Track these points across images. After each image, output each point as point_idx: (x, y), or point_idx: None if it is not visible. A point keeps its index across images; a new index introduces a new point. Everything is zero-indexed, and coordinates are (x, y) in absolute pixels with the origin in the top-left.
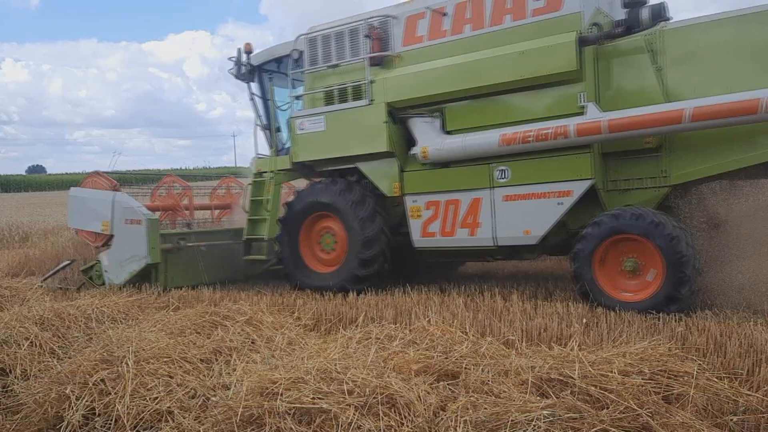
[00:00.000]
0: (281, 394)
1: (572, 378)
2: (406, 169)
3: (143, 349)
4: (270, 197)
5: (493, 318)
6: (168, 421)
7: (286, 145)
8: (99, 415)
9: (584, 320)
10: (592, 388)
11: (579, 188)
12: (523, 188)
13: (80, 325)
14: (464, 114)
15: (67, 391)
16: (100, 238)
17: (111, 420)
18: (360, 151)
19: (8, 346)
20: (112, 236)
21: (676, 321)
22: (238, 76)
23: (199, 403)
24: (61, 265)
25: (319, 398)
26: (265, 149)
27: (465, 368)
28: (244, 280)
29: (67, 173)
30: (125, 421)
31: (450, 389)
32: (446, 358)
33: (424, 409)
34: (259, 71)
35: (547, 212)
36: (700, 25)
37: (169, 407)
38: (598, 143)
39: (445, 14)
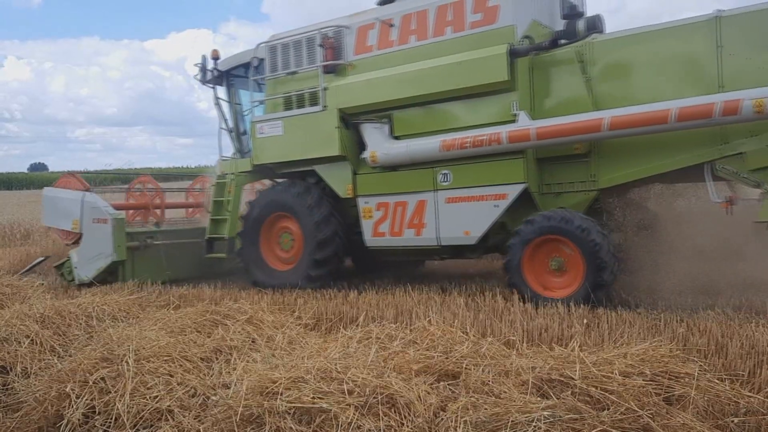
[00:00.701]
0: (281, 394)
1: (573, 379)
2: (358, 172)
3: (143, 348)
4: (231, 198)
5: (494, 318)
6: (168, 420)
7: (251, 148)
8: (99, 413)
9: (585, 321)
10: (593, 388)
11: (513, 191)
12: (463, 191)
13: (81, 323)
14: (410, 120)
15: (67, 390)
16: (70, 236)
17: (111, 418)
18: (315, 154)
19: (9, 343)
20: (81, 234)
21: (677, 322)
22: (204, 81)
23: (199, 402)
24: (36, 261)
25: (319, 398)
26: (229, 152)
27: (465, 368)
28: (213, 277)
29: (69, 171)
30: (125, 420)
31: (450, 389)
32: (447, 358)
33: (425, 410)
34: (226, 76)
35: (485, 214)
36: (626, 38)
37: (169, 406)
38: (530, 149)
39: (392, 25)
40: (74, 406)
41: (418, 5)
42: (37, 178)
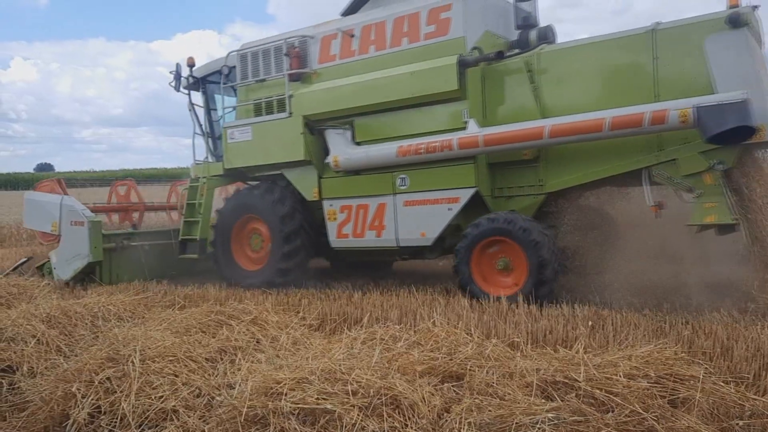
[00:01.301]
0: (286, 394)
1: (577, 381)
2: (323, 176)
3: (149, 348)
4: (202, 201)
5: (499, 320)
6: (173, 420)
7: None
8: (104, 413)
9: (590, 323)
10: (598, 391)
11: (465, 195)
12: (420, 195)
13: (87, 323)
14: (370, 127)
15: (73, 389)
16: (50, 238)
17: (116, 418)
18: (281, 159)
19: (15, 343)
20: (60, 236)
21: (682, 324)
22: (178, 88)
23: (204, 402)
24: (19, 262)
25: (324, 399)
26: (201, 156)
27: (470, 370)
28: (189, 276)
29: (75, 171)
30: (130, 420)
31: (454, 391)
32: (451, 359)
33: (429, 411)
34: (202, 82)
35: (439, 216)
36: (570, 49)
37: (174, 406)
38: (479, 155)
39: (353, 36)
40: (80, 406)
41: (377, 17)
42: (43, 179)
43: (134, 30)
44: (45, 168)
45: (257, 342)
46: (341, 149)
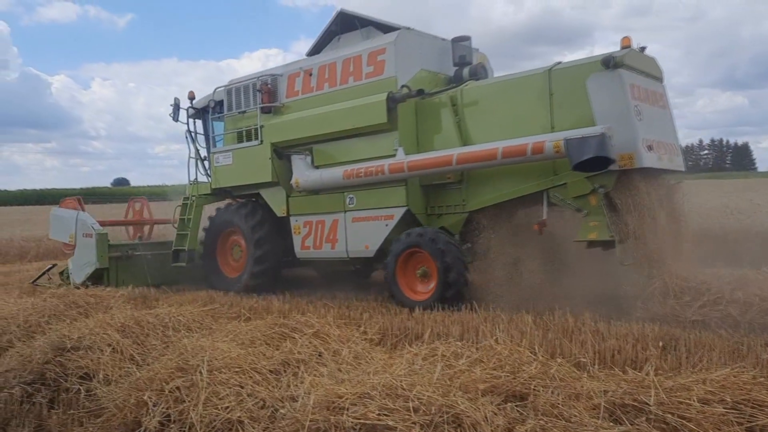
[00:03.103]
0: (347, 409)
1: (648, 404)
2: (290, 195)
3: (216, 359)
4: (191, 216)
5: (564, 338)
6: (238, 431)
7: None
8: (174, 421)
9: (661, 343)
10: (669, 415)
11: (398, 213)
12: (364, 212)
13: (158, 333)
14: (325, 153)
15: (145, 398)
16: (69, 248)
17: (185, 427)
18: (254, 181)
19: (92, 351)
20: (75, 246)
21: (761, 346)
22: (176, 119)
23: (268, 413)
24: (46, 269)
25: (385, 415)
26: (199, 177)
27: (534, 390)
28: (184, 282)
29: (149, 185)
30: (198, 429)
31: (518, 411)
32: (514, 378)
33: (491, 431)
34: (203, 112)
35: (379, 231)
36: (486, 86)
37: (239, 417)
38: (407, 178)
39: (311, 74)
40: (151, 414)
41: (330, 58)
42: (119, 192)
43: (205, 50)
44: (121, 182)
45: (319, 355)
46: (302, 172)
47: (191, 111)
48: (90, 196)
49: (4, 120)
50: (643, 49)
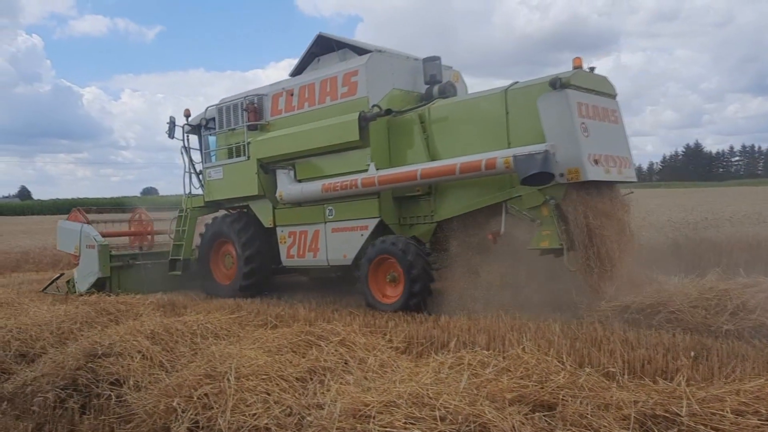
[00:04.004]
0: (374, 417)
1: (679, 415)
2: (276, 207)
3: (243, 366)
4: (186, 228)
5: (592, 347)
6: None
7: None
8: (202, 428)
9: (692, 353)
10: (702, 427)
11: (372, 223)
12: (342, 223)
13: (186, 340)
14: (306, 167)
15: (174, 404)
16: (74, 258)
17: None
18: (241, 194)
19: (123, 358)
20: (79, 256)
21: None
22: (172, 136)
23: (295, 421)
24: (54, 278)
25: (411, 423)
26: (193, 190)
27: (562, 399)
28: (186, 290)
29: (176, 195)
30: None
31: (546, 421)
32: (542, 387)
33: None
34: (199, 128)
35: (355, 241)
36: (451, 104)
37: (266, 424)
38: (379, 191)
39: (293, 94)
40: (180, 420)
41: (309, 78)
42: (147, 201)
43: (231, 60)
44: (150, 192)
45: (345, 363)
46: (285, 186)
47: (187, 128)
48: (120, 206)
49: (38, 131)
50: (592, 69)
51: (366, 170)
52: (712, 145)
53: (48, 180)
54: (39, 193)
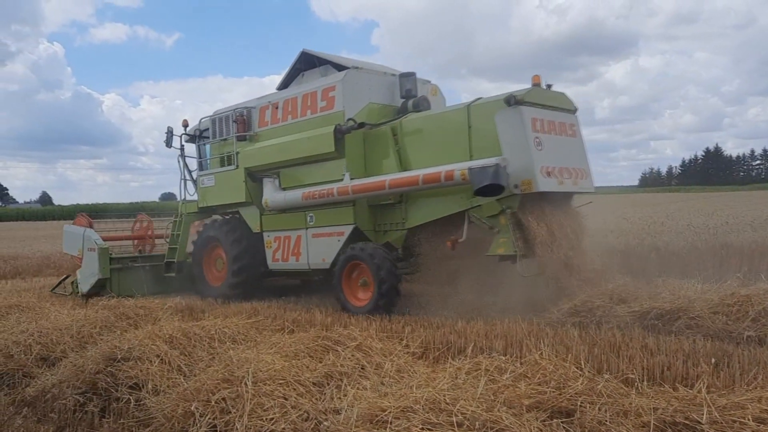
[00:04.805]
0: (390, 423)
1: (700, 423)
2: (263, 213)
3: (260, 371)
4: (180, 232)
5: (611, 353)
6: None
7: None
8: None
9: (713, 360)
10: None
11: (347, 230)
12: (321, 229)
13: (204, 345)
14: (290, 176)
15: (192, 408)
16: (78, 260)
17: None
18: (231, 201)
19: (142, 362)
20: (82, 258)
21: None
22: (170, 145)
23: (312, 426)
24: (61, 279)
25: (428, 429)
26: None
27: (580, 406)
28: (180, 290)
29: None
30: None
31: (564, 428)
32: (560, 394)
33: None
34: (197, 138)
35: (333, 246)
36: (420, 118)
37: (283, 428)
38: (353, 200)
39: (278, 107)
40: (198, 424)
41: (293, 93)
42: (166, 206)
43: (249, 66)
44: (168, 197)
45: (362, 368)
46: (270, 193)
47: (185, 137)
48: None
49: (59, 137)
50: (549, 86)
51: (342, 180)
52: (733, 148)
53: (68, 185)
54: (60, 199)
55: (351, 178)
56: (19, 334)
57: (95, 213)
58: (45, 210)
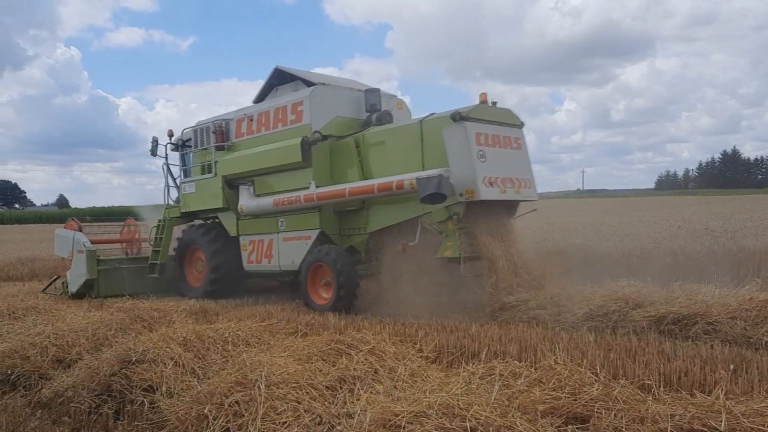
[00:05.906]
0: (404, 428)
1: (718, 430)
2: (239, 218)
3: (273, 374)
4: (163, 235)
5: (627, 359)
6: None
7: None
8: None
9: (732, 366)
10: None
11: (314, 234)
12: (291, 233)
13: (218, 348)
14: (263, 184)
15: (205, 411)
16: (68, 261)
17: None
18: (209, 206)
19: (156, 365)
20: (72, 260)
21: None
22: (155, 154)
23: (325, 430)
24: (52, 279)
25: None
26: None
27: (596, 412)
28: (162, 291)
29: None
30: None
31: None
32: (575, 400)
33: None
34: (180, 147)
35: (301, 249)
36: (380, 132)
37: None
38: (319, 206)
39: (252, 120)
40: (211, 427)
41: (266, 106)
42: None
43: (262, 70)
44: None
45: (375, 372)
46: (245, 199)
47: (170, 147)
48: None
49: (76, 140)
50: (494, 103)
51: (308, 188)
52: (751, 151)
53: (85, 188)
54: (76, 201)
55: (317, 186)
56: (35, 336)
57: (110, 216)
58: (62, 212)
